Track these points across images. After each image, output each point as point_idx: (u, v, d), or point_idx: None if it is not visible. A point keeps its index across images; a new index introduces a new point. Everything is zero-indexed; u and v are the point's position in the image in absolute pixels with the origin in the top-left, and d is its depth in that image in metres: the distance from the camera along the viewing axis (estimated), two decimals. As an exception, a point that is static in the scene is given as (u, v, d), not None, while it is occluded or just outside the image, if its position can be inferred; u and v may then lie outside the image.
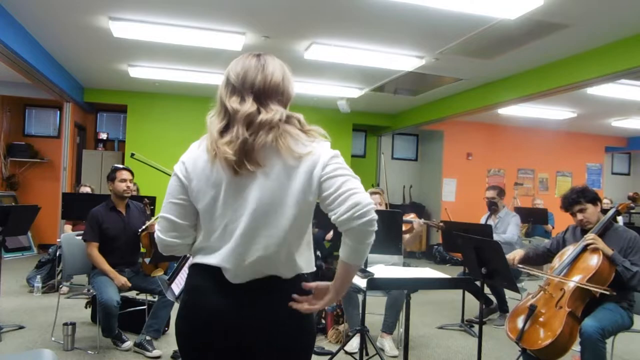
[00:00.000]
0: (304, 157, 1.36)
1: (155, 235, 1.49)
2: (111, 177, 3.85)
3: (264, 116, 1.37)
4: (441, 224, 4.67)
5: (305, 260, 1.44)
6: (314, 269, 1.47)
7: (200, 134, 1.48)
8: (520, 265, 3.13)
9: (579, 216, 3.12)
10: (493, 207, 5.14)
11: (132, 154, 4.18)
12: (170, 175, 1.47)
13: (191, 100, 8.32)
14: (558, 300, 2.81)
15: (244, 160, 1.34)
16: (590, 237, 2.96)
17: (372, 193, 4.26)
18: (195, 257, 1.46)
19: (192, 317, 1.41)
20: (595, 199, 3.10)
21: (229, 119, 1.39)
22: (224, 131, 1.38)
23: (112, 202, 3.87)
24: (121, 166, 3.95)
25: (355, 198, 1.32)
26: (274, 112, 1.38)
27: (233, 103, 1.39)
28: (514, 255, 3.21)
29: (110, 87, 8.08)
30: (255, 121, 1.36)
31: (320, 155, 1.38)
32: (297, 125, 1.41)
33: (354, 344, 3.75)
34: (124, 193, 3.84)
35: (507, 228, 4.98)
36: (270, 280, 1.39)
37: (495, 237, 4.55)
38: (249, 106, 1.37)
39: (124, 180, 3.83)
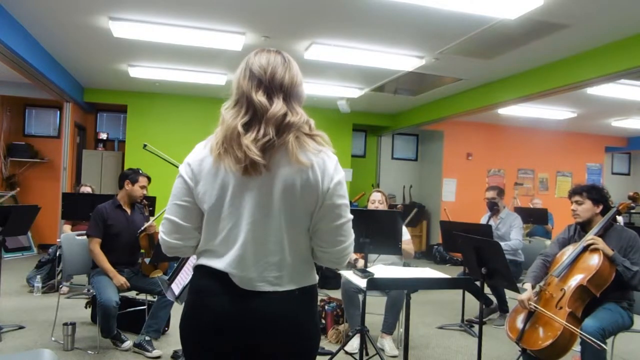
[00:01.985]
0: (309, 166, 1.34)
1: (159, 237, 1.47)
2: (133, 179, 3.85)
3: (291, 118, 1.34)
4: (399, 205, 4.67)
5: (309, 269, 1.45)
6: (317, 280, 1.48)
7: (201, 134, 1.46)
8: (534, 305, 2.88)
9: (573, 206, 3.14)
10: (495, 208, 5.11)
11: (145, 145, 4.15)
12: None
13: (191, 100, 8.32)
14: (558, 301, 2.81)
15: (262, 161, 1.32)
16: (590, 237, 2.96)
17: (375, 191, 4.40)
18: (200, 258, 1.44)
19: (198, 317, 1.40)
20: (597, 200, 3.07)
21: (253, 114, 1.35)
22: (246, 126, 1.34)
23: (119, 201, 3.89)
24: (141, 171, 3.95)
25: (342, 246, 1.43)
26: (300, 115, 1.37)
27: (261, 97, 1.34)
28: (528, 296, 2.92)
29: (110, 87, 8.08)
30: (283, 122, 1.34)
31: (326, 169, 1.37)
32: (307, 130, 1.39)
33: (354, 344, 3.75)
34: (139, 198, 3.92)
35: (510, 230, 4.95)
36: (274, 287, 1.38)
37: (502, 244, 4.39)
38: (280, 106, 1.34)
39: (144, 187, 3.90)
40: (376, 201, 4.27)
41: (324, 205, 1.37)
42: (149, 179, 3.96)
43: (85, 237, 3.86)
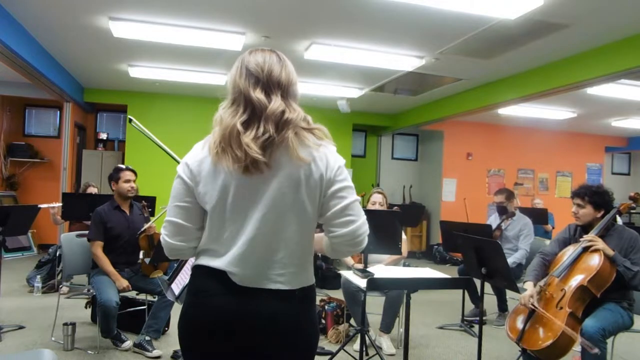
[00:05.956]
0: (311, 161, 1.35)
1: (161, 240, 1.46)
2: (115, 178, 3.85)
3: (289, 115, 1.35)
4: (396, 208, 4.63)
5: (310, 270, 1.45)
6: (314, 280, 1.47)
7: (200, 134, 1.45)
8: (535, 305, 2.85)
9: (574, 208, 3.13)
10: (510, 212, 4.98)
11: (130, 119, 4.02)
12: (167, 155, 1.45)
13: (191, 100, 8.32)
14: (559, 301, 2.81)
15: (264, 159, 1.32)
16: (589, 237, 2.95)
17: (375, 192, 4.38)
18: (199, 258, 1.44)
19: (196, 317, 1.39)
20: (599, 205, 3.05)
21: (252, 112, 1.35)
22: (245, 125, 1.34)
23: (116, 202, 3.88)
24: (124, 166, 3.93)
25: (354, 226, 1.38)
26: (297, 112, 1.37)
27: (259, 95, 1.35)
28: (530, 294, 2.89)
29: (110, 87, 8.08)
30: (282, 119, 1.34)
31: (328, 161, 1.38)
32: (305, 125, 1.39)
33: (355, 345, 3.76)
34: (128, 193, 3.87)
35: (518, 235, 4.88)
36: (276, 285, 1.38)
37: (509, 258, 4.14)
38: (279, 103, 1.35)
39: (128, 181, 3.85)
40: (377, 203, 4.27)
41: (328, 193, 1.38)
42: (133, 172, 3.90)
43: (85, 237, 3.85)
